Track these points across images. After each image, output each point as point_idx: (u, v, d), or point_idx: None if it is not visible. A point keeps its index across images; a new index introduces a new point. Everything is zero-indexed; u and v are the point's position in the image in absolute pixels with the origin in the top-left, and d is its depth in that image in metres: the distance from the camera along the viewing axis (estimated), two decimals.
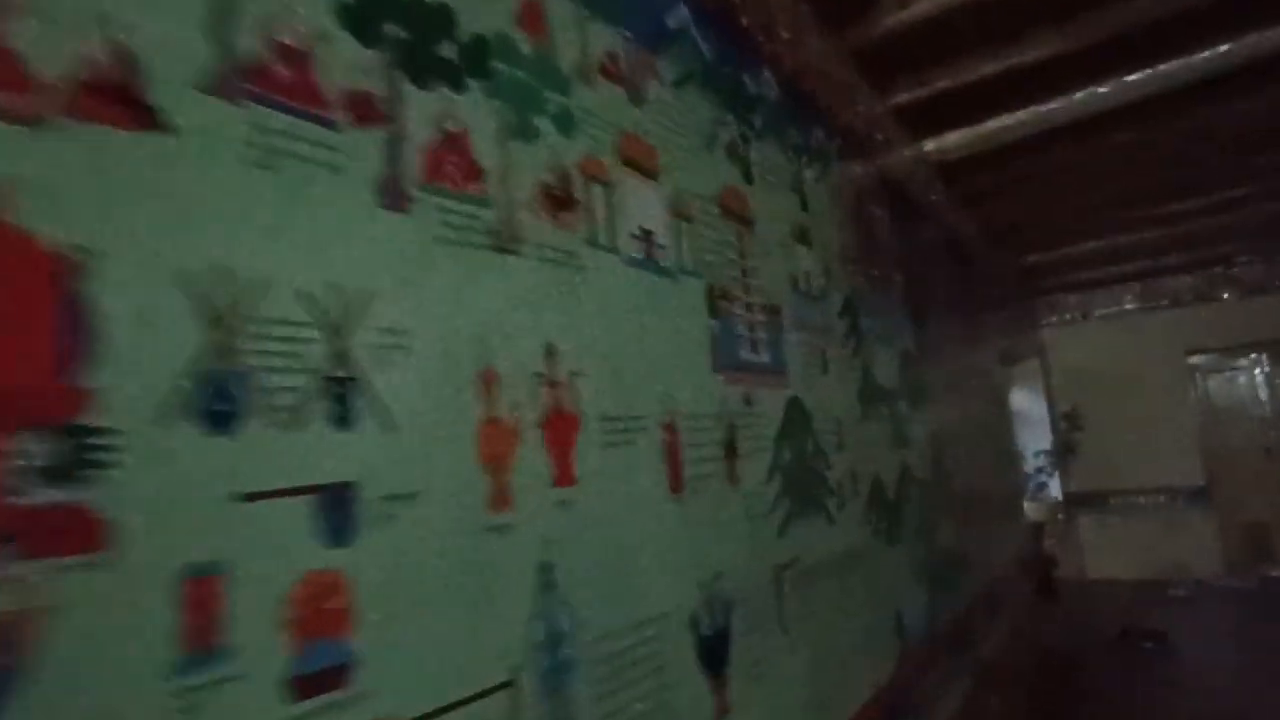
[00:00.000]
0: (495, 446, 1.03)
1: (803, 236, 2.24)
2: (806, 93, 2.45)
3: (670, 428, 1.42)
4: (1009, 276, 6.77)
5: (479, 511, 0.99)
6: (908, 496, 2.72)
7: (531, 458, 1.09)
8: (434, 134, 1.05)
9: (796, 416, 1.95)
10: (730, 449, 1.61)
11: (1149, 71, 3.48)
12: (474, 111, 1.12)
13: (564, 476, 1.14)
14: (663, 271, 1.51)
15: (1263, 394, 7.39)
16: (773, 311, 1.96)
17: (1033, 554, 5.62)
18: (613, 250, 1.38)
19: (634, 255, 1.43)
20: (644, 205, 1.50)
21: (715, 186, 1.78)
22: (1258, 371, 7.43)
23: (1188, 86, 3.65)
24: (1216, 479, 7.48)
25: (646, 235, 1.48)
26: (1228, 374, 7.57)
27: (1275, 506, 7.30)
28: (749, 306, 1.83)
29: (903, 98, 3.50)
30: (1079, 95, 3.66)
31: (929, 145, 3.99)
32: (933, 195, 4.30)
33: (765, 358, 1.86)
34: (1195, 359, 7.63)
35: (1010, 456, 5.45)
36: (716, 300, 1.68)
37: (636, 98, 1.54)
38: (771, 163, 2.13)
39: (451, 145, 1.07)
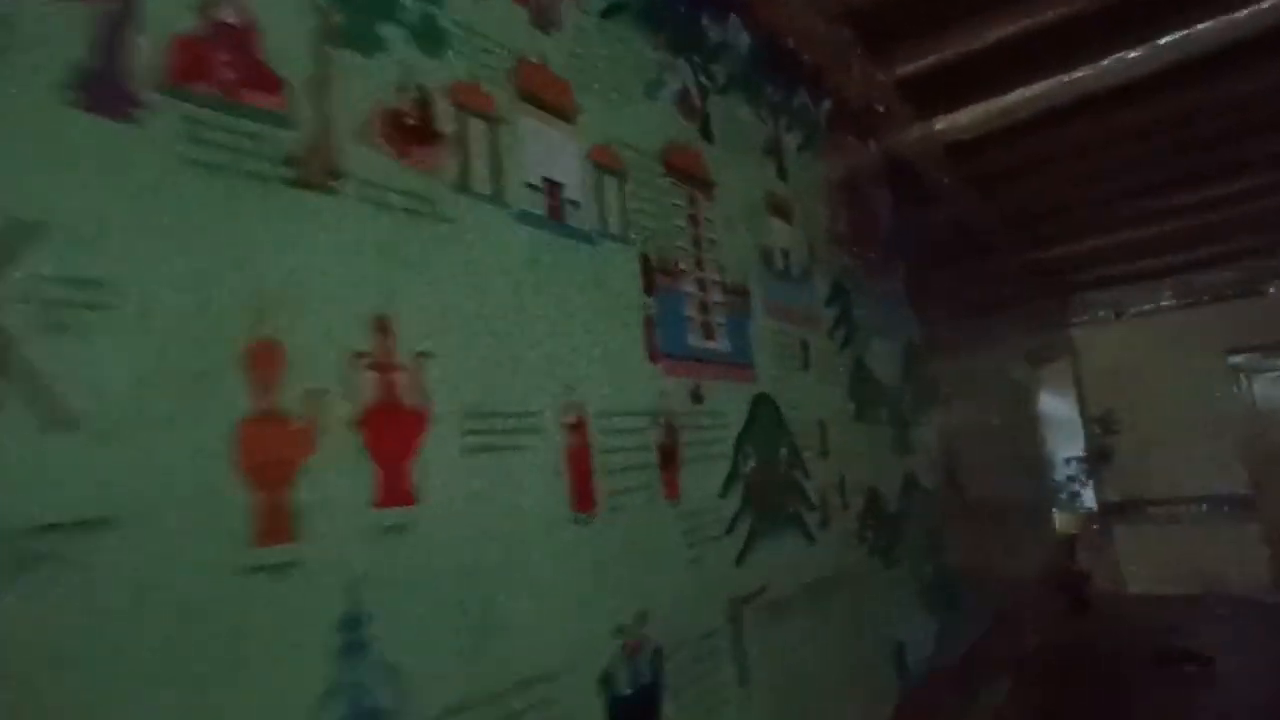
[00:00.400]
0: (269, 452, 0.73)
1: (779, 209, 1.92)
2: (786, 49, 2.14)
3: (577, 428, 1.12)
4: (1034, 270, 6.37)
5: (235, 545, 0.70)
6: (913, 509, 2.38)
7: (337, 468, 0.79)
8: (193, 21, 0.76)
9: (766, 416, 1.63)
10: (669, 455, 1.30)
11: (1184, 33, 3.12)
12: (268, 1, 0.83)
13: (394, 493, 0.84)
14: (574, 234, 1.21)
15: None
16: (737, 292, 1.65)
17: (1064, 569, 5.20)
18: (495, 201, 1.08)
19: (529, 210, 1.13)
20: (550, 152, 1.20)
21: (659, 140, 1.48)
22: None
23: (1228, 50, 3.29)
24: (1262, 486, 6.97)
25: (552, 188, 1.19)
26: (1273, 374, 7.07)
27: None
28: (702, 284, 1.52)
29: (907, 69, 3.18)
30: (1105, 63, 3.31)
31: (939, 124, 3.65)
32: (945, 178, 3.96)
33: (724, 345, 1.55)
34: (1238, 358, 7.14)
35: (1037, 463, 5.05)
36: (655, 274, 1.38)
37: (544, 20, 1.24)
38: (740, 122, 1.83)
39: (224, 40, 0.78)
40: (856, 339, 2.22)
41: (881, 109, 3.10)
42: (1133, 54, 3.27)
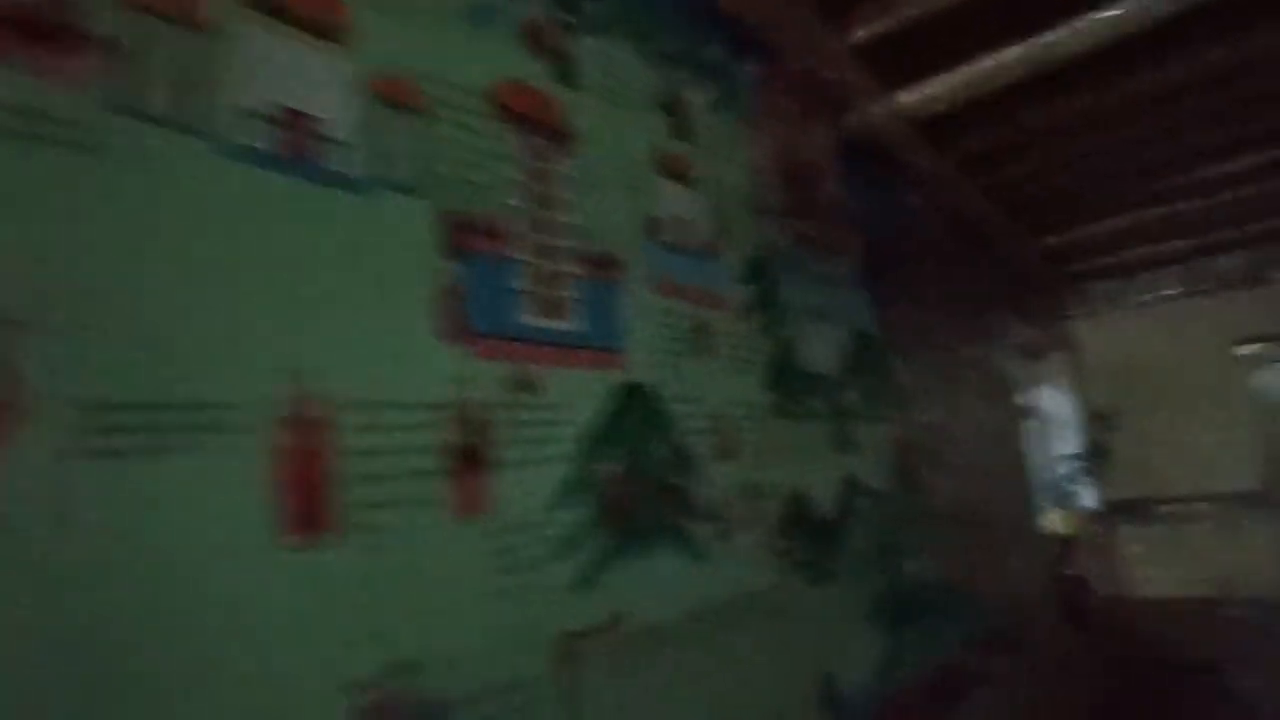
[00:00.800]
0: None
1: (675, 172, 1.66)
2: None
3: (304, 425, 0.86)
4: (1026, 259, 6.06)
5: None
6: (856, 514, 2.10)
7: None
8: None
9: (636, 410, 1.37)
10: (470, 458, 1.04)
11: None
12: None
13: None
14: (329, 179, 0.95)
15: None
16: (603, 264, 1.38)
17: (1061, 575, 4.89)
18: (189, 130, 0.82)
19: (248, 144, 0.88)
20: (296, 75, 0.94)
21: (484, 76, 1.22)
22: None
23: (1225, 6, 3.00)
24: (1275, 481, 6.61)
25: (296, 120, 0.93)
26: None
27: None
28: (547, 251, 1.26)
29: (864, 33, 2.92)
30: (1085, 22, 3.02)
31: (906, 96, 3.37)
32: (922, 158, 3.68)
33: (577, 325, 1.29)
34: (1246, 349, 6.78)
35: (1026, 462, 4.75)
36: (466, 234, 1.12)
37: None
38: (621, 69, 1.56)
39: None
40: (785, 323, 1.95)
41: (835, 76, 2.84)
42: (1115, 10, 2.98)
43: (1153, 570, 6.84)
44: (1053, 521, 5.49)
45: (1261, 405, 6.76)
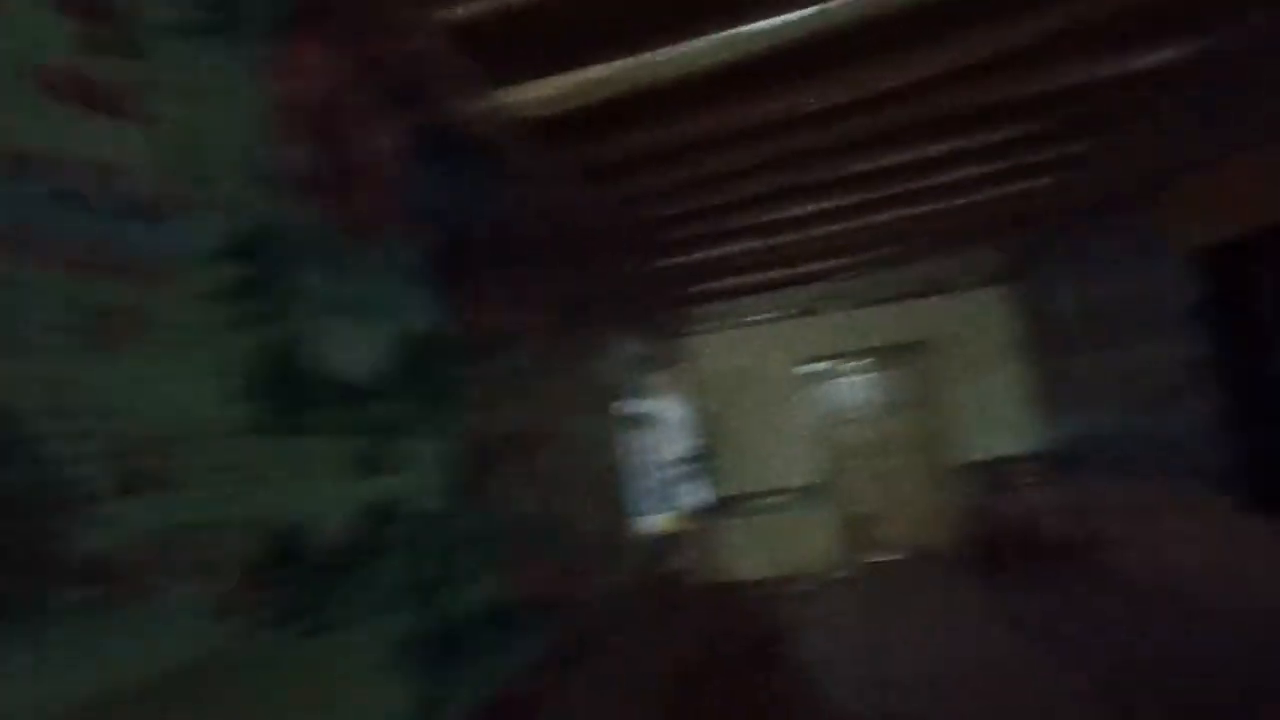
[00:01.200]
0: None
1: (87, 97, 1.20)
2: None
3: None
4: (648, 274, 6.51)
5: None
6: (385, 547, 1.82)
7: None
8: None
9: None
10: None
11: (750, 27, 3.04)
12: None
13: None
14: None
15: (868, 396, 8.13)
16: None
17: (660, 571, 5.26)
18: None
19: None
20: None
21: None
22: (865, 377, 8.16)
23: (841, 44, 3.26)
24: (832, 476, 8.03)
25: None
26: (840, 380, 8.22)
27: (874, 499, 8.03)
28: None
29: (461, 11, 2.68)
30: (689, 46, 3.12)
31: (521, 91, 3.23)
32: (527, 154, 3.58)
33: None
34: (816, 365, 8.16)
35: (630, 469, 5.00)
36: None
37: None
38: None
39: None
40: (289, 316, 1.58)
41: (416, 47, 2.55)
42: (712, 40, 3.09)
43: (748, 558, 7.87)
44: (660, 522, 5.91)
45: (827, 411, 8.20)
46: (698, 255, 6.13)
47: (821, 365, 8.16)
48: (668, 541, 5.76)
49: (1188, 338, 4.40)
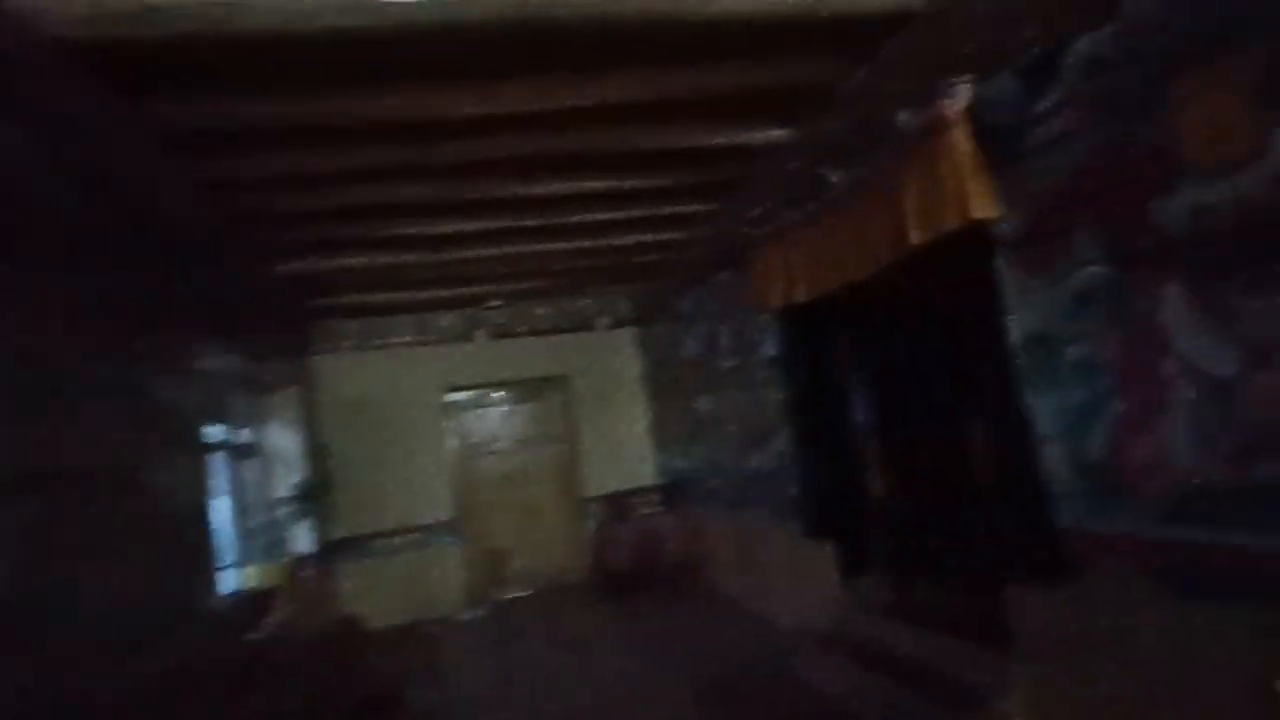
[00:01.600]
0: None
1: None
2: None
3: None
4: (264, 284, 5.56)
5: None
6: None
7: None
8: None
9: None
10: None
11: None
12: None
13: None
14: None
15: (504, 430, 8.01)
16: None
17: (254, 632, 4.36)
18: None
19: None
20: None
21: None
22: (502, 409, 8.04)
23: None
24: (466, 513, 7.70)
25: None
26: (478, 411, 7.99)
27: (508, 534, 7.90)
28: None
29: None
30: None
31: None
32: (56, 92, 2.67)
33: None
34: (453, 396, 7.82)
35: (211, 511, 4.09)
36: None
37: None
38: None
39: None
40: None
41: None
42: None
43: (368, 603, 7.08)
44: (255, 575, 4.96)
45: (462, 444, 7.87)
46: (319, 263, 5.39)
47: (459, 395, 7.84)
48: (268, 596, 4.84)
49: (776, 386, 5.06)
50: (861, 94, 3.68)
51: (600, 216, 5.38)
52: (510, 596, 7.69)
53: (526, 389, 8.05)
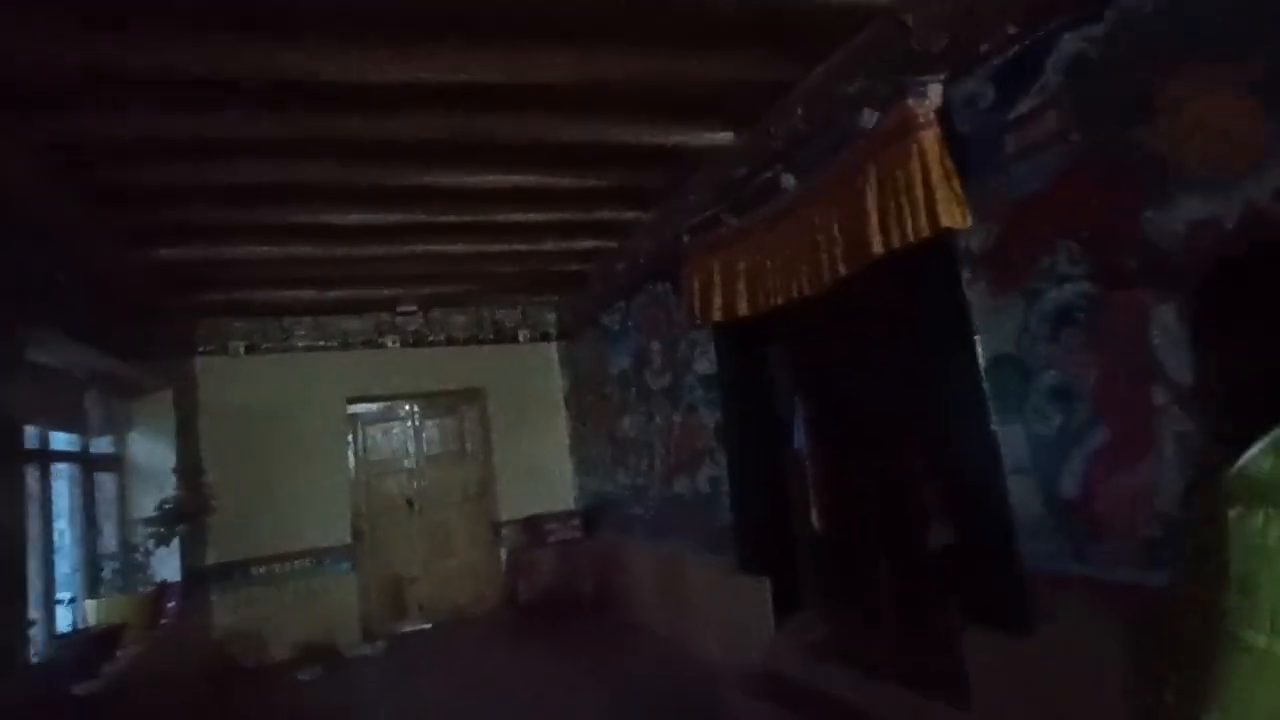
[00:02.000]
0: None
1: None
2: None
3: None
4: (139, 275, 4.84)
5: None
6: None
7: None
8: None
9: None
10: None
11: None
12: None
13: None
14: None
15: (411, 446, 7.37)
16: None
17: (69, 692, 3.61)
18: None
19: None
20: None
21: None
22: (410, 423, 7.40)
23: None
24: (362, 538, 7.01)
25: None
26: (384, 425, 7.33)
27: (412, 560, 7.25)
28: None
29: None
30: None
31: None
32: None
33: None
34: (357, 407, 7.14)
35: (42, 534, 3.39)
36: None
37: None
38: None
39: None
40: None
41: None
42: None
43: (249, 638, 6.29)
44: (102, 610, 4.23)
45: (363, 462, 7.18)
46: (201, 251, 4.74)
47: (363, 407, 7.17)
48: (114, 635, 4.09)
49: (710, 407, 4.72)
50: (819, 93, 3.43)
51: (527, 217, 4.97)
52: (412, 629, 7.03)
53: (439, 403, 7.46)
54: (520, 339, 7.76)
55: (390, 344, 7.15)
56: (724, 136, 4.05)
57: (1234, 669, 0.73)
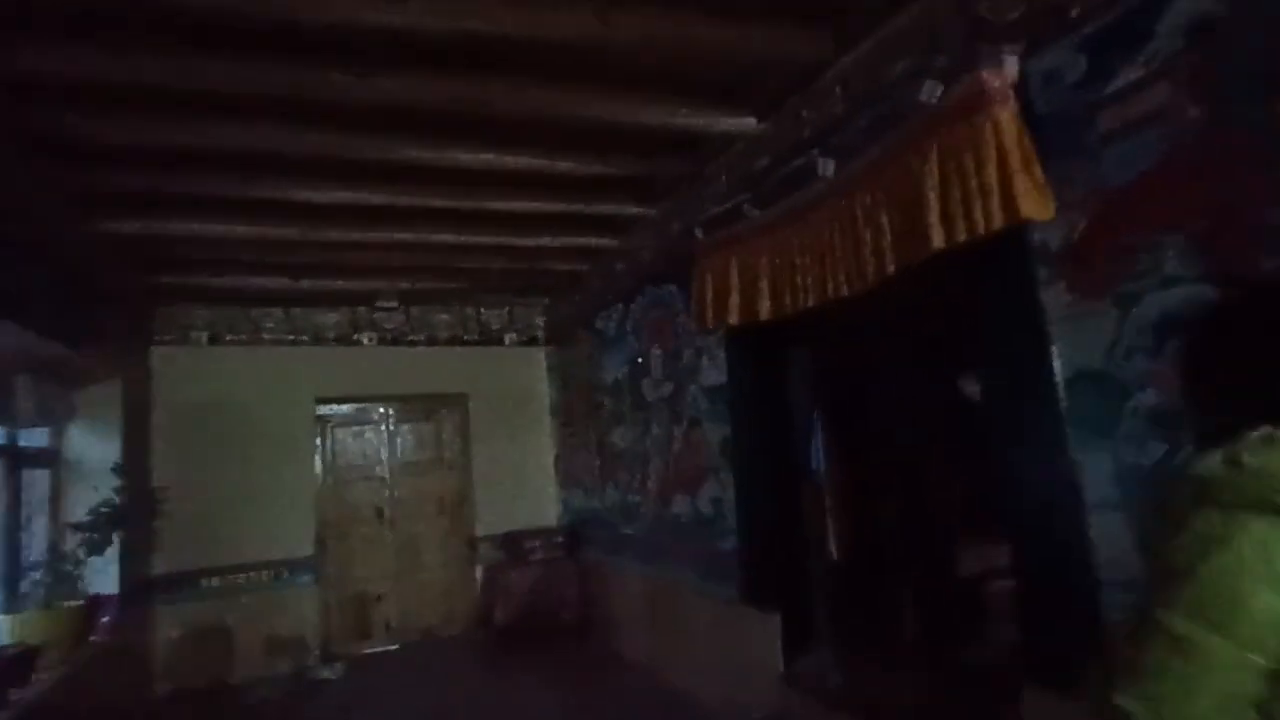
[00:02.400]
0: None
1: None
2: None
3: None
4: (85, 249, 4.34)
5: None
6: None
7: None
8: None
9: None
10: None
11: None
12: None
13: None
14: None
15: (384, 452, 6.86)
16: None
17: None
18: None
19: None
20: None
21: None
22: (384, 428, 6.90)
23: None
24: (325, 547, 6.47)
25: None
26: (355, 428, 6.82)
27: (380, 575, 6.72)
28: None
29: None
30: None
31: None
32: None
33: None
34: (327, 408, 6.63)
35: None
36: None
37: None
38: None
39: None
40: None
41: None
42: None
43: (194, 658, 5.73)
44: (17, 626, 3.69)
45: (331, 467, 6.65)
46: (158, 225, 4.26)
47: (333, 408, 6.65)
48: (30, 656, 3.55)
49: (717, 420, 4.30)
50: (864, 69, 3.06)
51: (523, 206, 4.54)
52: (377, 650, 6.50)
53: (416, 406, 6.97)
54: (506, 342, 7.30)
55: (366, 341, 6.66)
56: (747, 122, 3.67)
57: (1153, 652, 0.77)
